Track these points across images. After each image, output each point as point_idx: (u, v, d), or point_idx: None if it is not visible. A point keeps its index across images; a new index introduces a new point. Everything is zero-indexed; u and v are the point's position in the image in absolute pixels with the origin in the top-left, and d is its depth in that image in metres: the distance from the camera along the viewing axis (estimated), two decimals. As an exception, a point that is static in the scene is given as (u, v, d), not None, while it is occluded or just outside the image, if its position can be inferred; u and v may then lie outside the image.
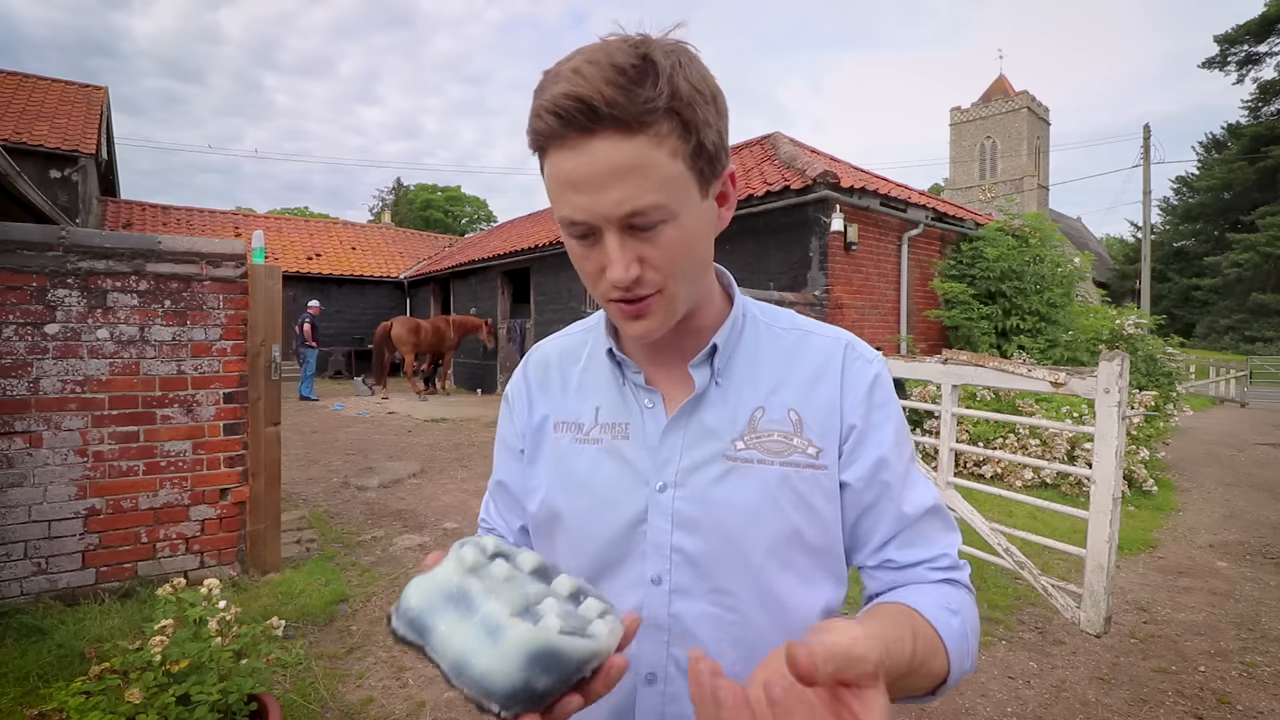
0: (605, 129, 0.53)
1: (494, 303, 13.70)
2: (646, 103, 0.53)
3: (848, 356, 0.70)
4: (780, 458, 0.65)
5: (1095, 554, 2.83)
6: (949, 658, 0.59)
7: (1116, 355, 2.82)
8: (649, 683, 0.65)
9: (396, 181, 50.16)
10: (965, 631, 0.62)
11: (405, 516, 4.86)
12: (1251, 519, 5.28)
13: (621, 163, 0.54)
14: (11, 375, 2.88)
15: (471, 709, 2.46)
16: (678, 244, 0.58)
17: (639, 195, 0.55)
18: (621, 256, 0.57)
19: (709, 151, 0.58)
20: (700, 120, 0.56)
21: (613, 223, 0.56)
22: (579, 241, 0.59)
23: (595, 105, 0.52)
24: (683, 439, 0.67)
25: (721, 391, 0.69)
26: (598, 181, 0.54)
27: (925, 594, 0.64)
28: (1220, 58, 33.33)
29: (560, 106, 0.53)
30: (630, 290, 0.59)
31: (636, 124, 0.53)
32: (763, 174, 8.07)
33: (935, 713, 2.50)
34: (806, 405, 0.67)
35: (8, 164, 4.70)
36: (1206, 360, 19.43)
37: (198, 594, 1.94)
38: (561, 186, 0.56)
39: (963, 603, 0.65)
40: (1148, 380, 7.18)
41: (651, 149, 0.54)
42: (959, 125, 45.68)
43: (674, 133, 0.55)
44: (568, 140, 0.54)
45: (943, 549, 0.68)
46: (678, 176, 0.56)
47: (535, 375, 0.79)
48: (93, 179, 13.80)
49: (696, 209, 0.60)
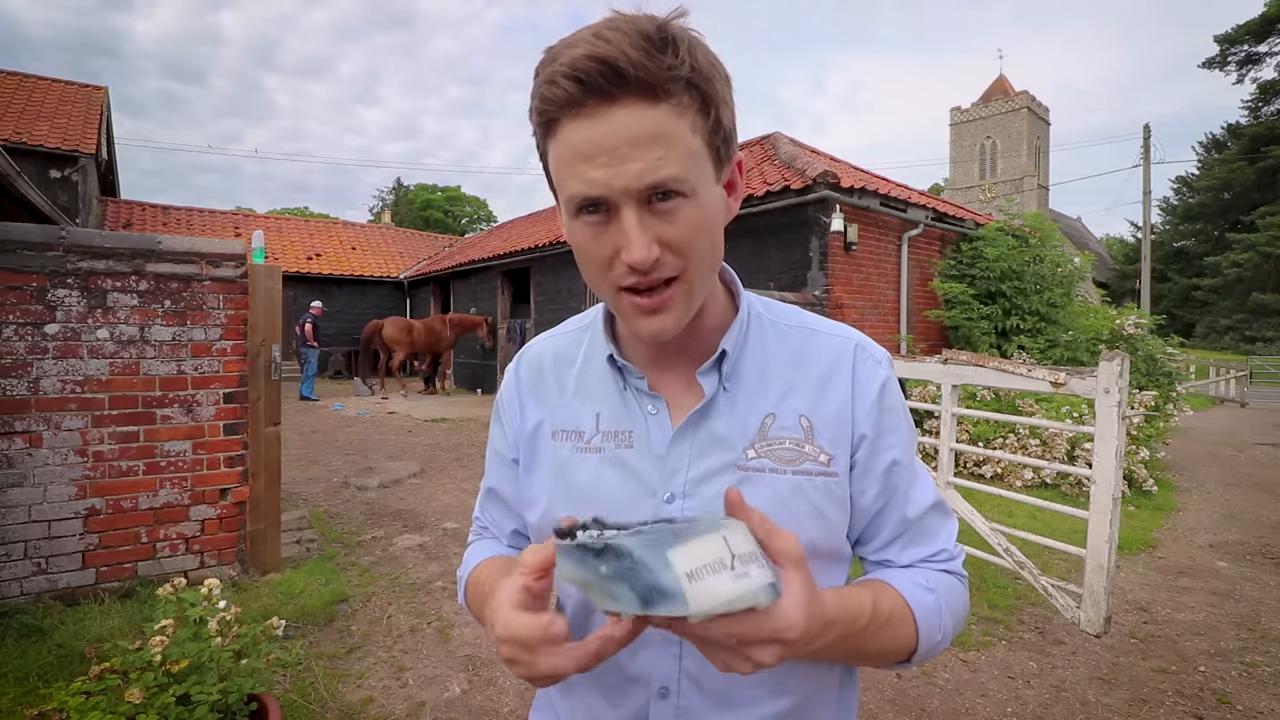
0: (628, 95, 0.51)
1: (494, 303, 13.70)
2: (670, 70, 0.51)
3: (858, 358, 0.68)
4: (792, 466, 0.64)
5: (1095, 554, 2.83)
6: (918, 627, 0.61)
7: (1116, 355, 2.82)
8: (662, 696, 0.64)
9: (396, 181, 50.15)
10: (939, 607, 0.64)
11: (405, 516, 4.86)
12: (1251, 519, 5.28)
13: (645, 131, 0.51)
14: (11, 375, 2.88)
15: (471, 708, 2.47)
16: (698, 224, 0.55)
17: (662, 166, 0.52)
18: (642, 234, 0.53)
19: (725, 130, 0.57)
20: (719, 96, 0.55)
21: (632, 196, 0.53)
22: (590, 223, 0.56)
23: (621, 67, 0.49)
24: (691, 448, 0.65)
25: (730, 398, 0.66)
26: (618, 151, 0.51)
27: (905, 573, 0.67)
28: (1220, 58, 33.32)
29: (581, 69, 0.50)
30: (649, 274, 0.55)
31: (661, 90, 0.51)
32: (763, 174, 8.07)
33: (935, 712, 2.51)
34: (817, 411, 0.65)
35: (8, 164, 4.70)
36: (1206, 360, 19.43)
37: (198, 594, 1.94)
38: (574, 160, 0.53)
39: (943, 583, 0.67)
40: (1148, 380, 7.18)
41: (674, 118, 0.52)
42: (959, 125, 45.69)
43: (694, 106, 0.53)
44: (585, 108, 0.51)
45: (941, 544, 0.70)
46: (697, 152, 0.54)
47: (528, 378, 0.76)
48: (93, 179, 13.80)
49: (712, 191, 0.57)
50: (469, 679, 2.66)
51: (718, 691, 0.63)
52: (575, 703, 0.69)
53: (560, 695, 0.71)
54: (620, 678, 0.65)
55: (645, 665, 0.64)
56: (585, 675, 0.64)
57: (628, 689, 0.65)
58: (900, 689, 2.65)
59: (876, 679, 2.68)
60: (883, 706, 2.53)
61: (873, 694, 2.60)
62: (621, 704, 0.65)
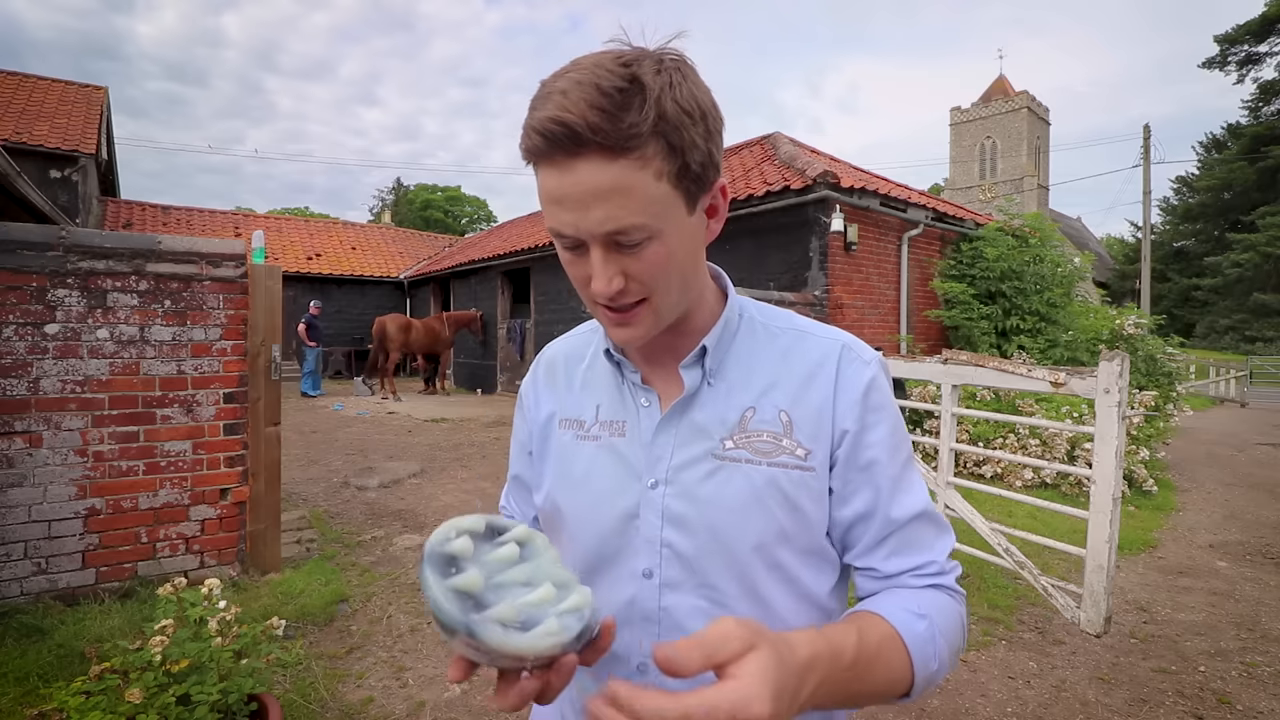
0: (589, 152, 0.54)
1: (494, 303, 13.70)
2: (631, 128, 0.53)
3: (844, 358, 0.69)
4: (768, 458, 0.66)
5: (1095, 554, 2.83)
6: (911, 658, 0.59)
7: (1116, 355, 2.82)
8: (640, 673, 0.67)
9: (396, 182, 50.19)
10: (933, 634, 0.62)
11: (405, 516, 4.86)
12: (1251, 519, 5.28)
13: (605, 185, 0.55)
14: (11, 375, 2.88)
15: (471, 708, 2.47)
16: (661, 259, 0.60)
17: (621, 216, 0.56)
18: (604, 270, 0.59)
19: (694, 172, 0.59)
20: (687, 142, 0.57)
21: (597, 239, 0.58)
22: (568, 251, 0.62)
23: (578, 130, 0.53)
24: (674, 437, 0.69)
25: (713, 391, 0.70)
26: (582, 201, 0.56)
27: (894, 599, 0.65)
28: (1220, 58, 33.32)
29: (545, 129, 0.54)
30: (614, 300, 0.61)
31: (620, 148, 0.54)
32: (763, 174, 8.08)
33: (935, 712, 2.51)
34: (798, 406, 0.67)
35: (8, 164, 4.70)
36: (1206, 360, 19.43)
37: (198, 594, 1.94)
38: (549, 201, 0.58)
39: (935, 606, 0.65)
40: (1148, 380, 7.18)
41: (635, 171, 0.55)
42: (959, 125, 45.68)
43: (660, 154, 0.56)
44: (554, 159, 0.56)
45: (931, 555, 0.68)
46: (662, 197, 0.57)
47: (544, 374, 0.83)
48: (93, 179, 13.81)
49: (682, 225, 0.61)
50: (469, 679, 2.65)
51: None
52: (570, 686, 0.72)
53: None
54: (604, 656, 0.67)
55: (625, 645, 0.68)
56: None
57: (609, 666, 0.68)
58: (900, 689, 2.65)
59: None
60: (882, 707, 2.53)
61: (873, 694, 2.59)
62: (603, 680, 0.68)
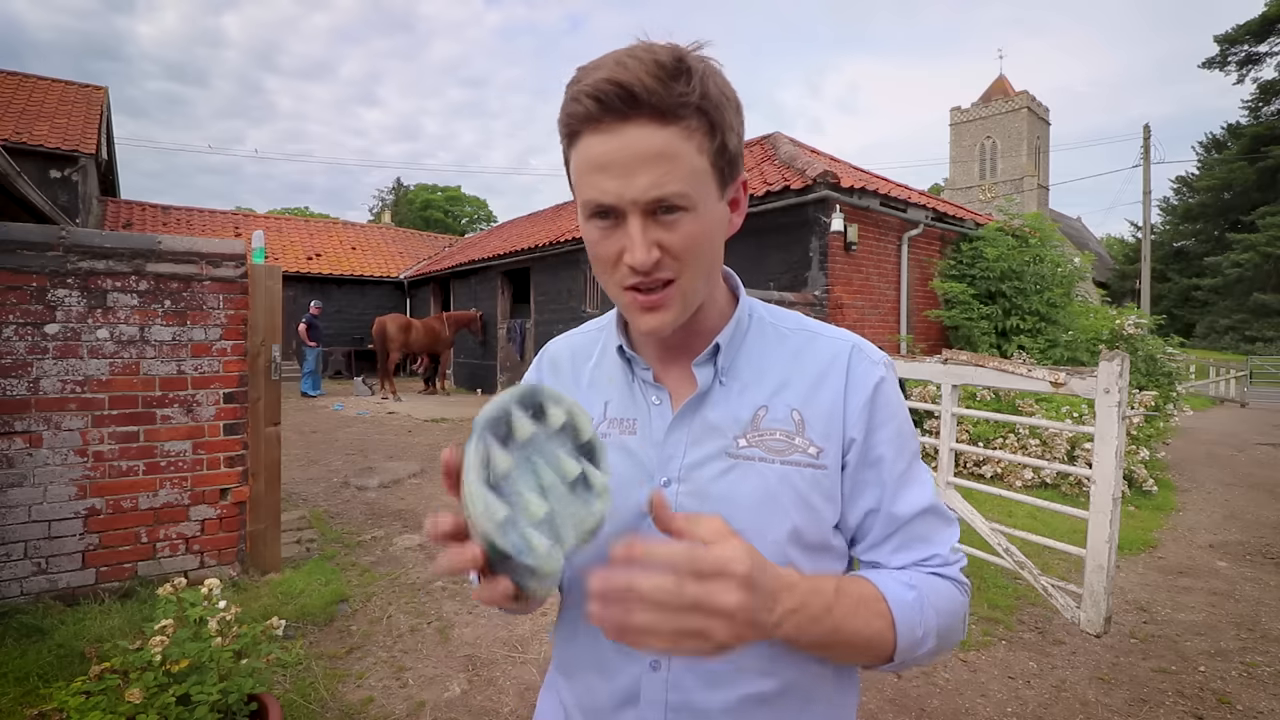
0: (641, 116, 0.56)
1: (494, 303, 13.69)
2: (681, 96, 0.57)
3: (854, 358, 0.70)
4: (781, 456, 0.67)
5: (1095, 554, 2.83)
6: (895, 620, 0.61)
7: (1116, 355, 2.82)
8: (654, 669, 0.67)
9: (396, 182, 50.19)
10: (920, 604, 0.63)
11: (405, 516, 4.86)
12: (1251, 519, 5.29)
13: (653, 149, 0.57)
14: (11, 375, 2.88)
15: (471, 708, 2.47)
16: (695, 235, 0.61)
17: (666, 183, 0.58)
18: (643, 240, 0.59)
19: (730, 153, 0.62)
20: (726, 123, 0.60)
21: (639, 206, 0.58)
22: (600, 226, 0.62)
23: (635, 91, 0.55)
24: (687, 435, 0.69)
25: (726, 390, 0.70)
26: (628, 166, 0.57)
27: (887, 573, 0.67)
28: (1220, 58, 33.31)
29: (600, 90, 0.56)
30: (649, 274, 0.61)
31: (670, 115, 0.57)
32: (763, 174, 8.07)
33: (936, 712, 2.51)
34: (809, 406, 0.68)
35: (8, 164, 4.70)
36: (1206, 360, 19.43)
37: (198, 594, 1.94)
38: (590, 170, 0.59)
39: (928, 583, 0.66)
40: (1148, 380, 7.18)
41: (681, 140, 0.58)
42: (959, 125, 45.67)
43: (702, 129, 0.59)
44: (603, 124, 0.57)
45: (935, 549, 0.69)
46: (701, 171, 0.60)
47: (548, 371, 0.83)
48: (93, 179, 13.80)
49: (713, 207, 0.63)
50: (469, 679, 2.66)
51: (707, 668, 0.66)
52: (576, 681, 0.73)
53: (564, 676, 0.76)
54: (615, 652, 0.68)
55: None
56: (585, 653, 0.71)
57: (621, 663, 0.68)
58: (900, 689, 2.65)
59: (876, 679, 2.68)
60: (882, 706, 2.53)
61: (873, 694, 2.60)
62: (615, 678, 0.69)
